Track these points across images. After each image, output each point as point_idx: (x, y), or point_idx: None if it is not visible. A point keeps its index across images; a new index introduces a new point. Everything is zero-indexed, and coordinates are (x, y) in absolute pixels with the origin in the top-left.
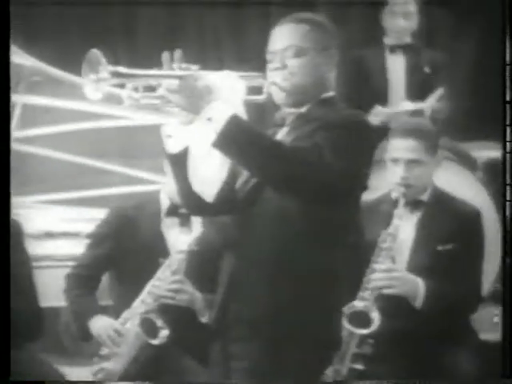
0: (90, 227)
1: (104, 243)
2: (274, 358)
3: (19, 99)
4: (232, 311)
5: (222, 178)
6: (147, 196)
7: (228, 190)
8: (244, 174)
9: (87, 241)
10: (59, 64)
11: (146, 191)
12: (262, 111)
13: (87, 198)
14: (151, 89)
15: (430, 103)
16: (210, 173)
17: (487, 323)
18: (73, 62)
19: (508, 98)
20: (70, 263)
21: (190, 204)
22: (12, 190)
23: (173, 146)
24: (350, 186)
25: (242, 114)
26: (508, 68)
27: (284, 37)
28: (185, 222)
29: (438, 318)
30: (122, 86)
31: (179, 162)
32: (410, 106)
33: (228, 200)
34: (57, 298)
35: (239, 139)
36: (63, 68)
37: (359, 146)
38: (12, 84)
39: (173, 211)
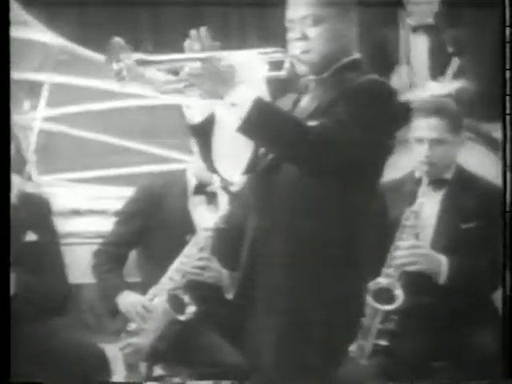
0: (116, 205)
1: (132, 221)
2: (298, 333)
3: (47, 78)
4: (254, 287)
5: (246, 162)
6: (174, 174)
7: (250, 170)
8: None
9: (115, 218)
10: (85, 42)
11: (172, 170)
12: (286, 80)
13: (113, 176)
14: (175, 72)
15: (454, 84)
16: (234, 158)
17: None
18: (98, 41)
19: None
20: (97, 240)
21: (212, 170)
22: (39, 169)
23: (193, 117)
24: (375, 158)
25: (265, 93)
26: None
27: (301, 5)
28: (211, 200)
29: (461, 294)
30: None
31: (201, 132)
32: (434, 86)
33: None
34: (84, 275)
35: (264, 123)
36: (89, 47)
37: (379, 113)
38: (39, 62)
39: (200, 189)
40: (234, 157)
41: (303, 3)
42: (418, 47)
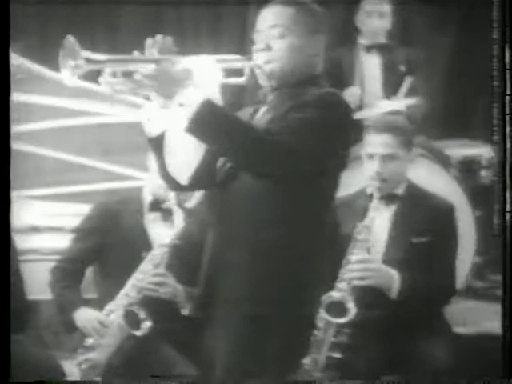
0: (74, 222)
1: (88, 237)
2: (254, 345)
3: None
4: (212, 302)
5: (196, 163)
6: (130, 191)
7: (203, 172)
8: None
9: (72, 235)
10: (41, 61)
11: (128, 187)
12: (245, 90)
13: (71, 193)
14: (129, 74)
15: (406, 101)
16: (184, 157)
17: (461, 317)
18: (54, 59)
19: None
20: (55, 257)
21: (169, 184)
22: None
23: (152, 130)
24: (322, 165)
25: (217, 98)
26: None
27: (270, 17)
28: (167, 217)
29: (412, 309)
30: (100, 72)
31: (158, 144)
32: (386, 104)
33: (203, 181)
34: (42, 291)
35: (212, 124)
36: (45, 65)
37: (333, 125)
38: None
39: (155, 206)
40: (185, 158)
41: (275, 15)
42: (371, 66)
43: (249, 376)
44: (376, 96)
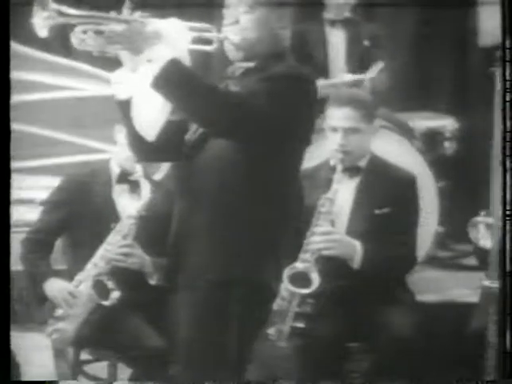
0: (44, 194)
1: (58, 209)
2: (218, 306)
3: None
4: (178, 271)
5: (163, 119)
6: (99, 164)
7: (170, 135)
8: (193, 126)
9: (42, 207)
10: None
11: (97, 160)
12: (216, 66)
13: (41, 166)
14: (100, 33)
15: (370, 75)
16: (151, 114)
17: (424, 285)
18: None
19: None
20: (26, 229)
21: (135, 146)
22: None
23: (121, 93)
24: (286, 135)
25: (185, 59)
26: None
27: None
28: (134, 189)
29: (374, 278)
30: (70, 30)
31: (126, 107)
32: (349, 77)
33: (171, 145)
34: (14, 263)
35: (176, 82)
36: (19, 41)
37: (297, 98)
38: None
39: (123, 178)
40: (152, 115)
41: None
42: (336, 40)
43: (213, 342)
44: (340, 69)
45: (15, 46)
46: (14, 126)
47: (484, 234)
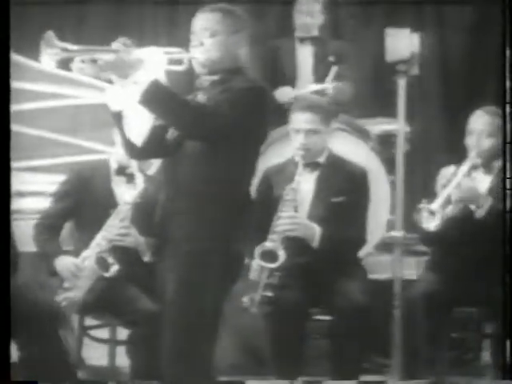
0: (51, 188)
1: (65, 198)
2: (195, 273)
3: None
4: (165, 249)
5: (148, 128)
6: (100, 161)
7: (154, 138)
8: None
9: (51, 197)
10: (19, 51)
11: (95, 159)
12: (187, 80)
13: (48, 165)
14: (94, 61)
15: (331, 84)
16: (139, 124)
17: (378, 267)
18: (31, 50)
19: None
20: (37, 216)
21: (127, 148)
22: None
23: (114, 106)
24: (246, 135)
25: (163, 79)
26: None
27: (202, 21)
28: (130, 180)
29: (331, 255)
30: (71, 60)
31: (119, 117)
32: (313, 87)
33: (155, 146)
34: (27, 245)
35: (158, 98)
36: (24, 55)
37: (253, 106)
38: None
39: (120, 171)
40: (139, 125)
41: (205, 20)
42: (304, 56)
43: (191, 301)
44: (307, 81)
45: (20, 59)
46: (22, 130)
47: (426, 218)
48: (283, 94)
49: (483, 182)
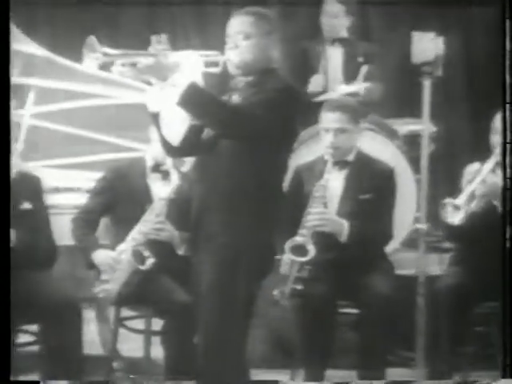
0: (87, 184)
1: (102, 194)
2: (230, 265)
3: (29, 82)
4: (200, 243)
5: (185, 129)
6: (136, 158)
7: (190, 137)
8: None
9: (89, 193)
10: (60, 51)
11: (131, 157)
12: (222, 81)
13: (85, 162)
14: (134, 65)
15: (361, 85)
16: (176, 124)
17: (405, 263)
18: (69, 51)
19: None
20: (73, 211)
21: (165, 147)
22: (24, 157)
23: (153, 107)
24: (278, 134)
25: (200, 81)
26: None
27: (236, 25)
28: (165, 177)
29: (359, 249)
30: (112, 64)
31: (157, 118)
32: (344, 88)
33: (191, 145)
34: (64, 238)
35: (196, 99)
36: (62, 55)
37: (286, 105)
38: (22, 69)
39: (156, 169)
40: (176, 126)
41: (239, 23)
42: (334, 56)
43: (224, 293)
44: (337, 82)
45: (59, 59)
46: (61, 128)
47: (451, 212)
48: (316, 83)
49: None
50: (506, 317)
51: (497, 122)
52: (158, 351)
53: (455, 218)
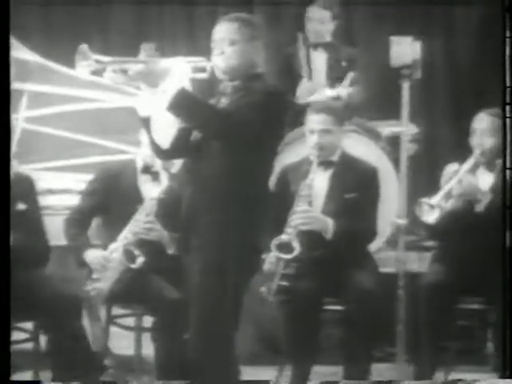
0: (79, 186)
1: (94, 195)
2: (219, 264)
3: (23, 87)
4: (189, 243)
5: (173, 132)
6: (127, 160)
7: (179, 140)
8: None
9: (80, 194)
10: (52, 57)
11: (121, 160)
12: (210, 85)
13: (77, 165)
14: (125, 71)
15: (345, 89)
16: (165, 128)
17: (388, 261)
18: (61, 56)
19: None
20: (66, 212)
21: (155, 150)
22: (18, 159)
23: (143, 111)
24: (264, 136)
25: (188, 87)
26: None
27: (221, 31)
28: (155, 178)
29: (343, 247)
30: (103, 70)
31: (147, 122)
32: (329, 92)
33: (180, 148)
34: (57, 239)
35: (185, 105)
36: (53, 60)
37: (271, 108)
38: (17, 74)
39: (146, 170)
40: (166, 129)
41: (224, 29)
42: (318, 61)
43: (213, 291)
44: (321, 85)
45: (51, 65)
46: (53, 131)
47: (426, 211)
48: (304, 89)
49: (486, 178)
50: (505, 317)
51: (476, 123)
52: (149, 349)
53: (430, 216)
